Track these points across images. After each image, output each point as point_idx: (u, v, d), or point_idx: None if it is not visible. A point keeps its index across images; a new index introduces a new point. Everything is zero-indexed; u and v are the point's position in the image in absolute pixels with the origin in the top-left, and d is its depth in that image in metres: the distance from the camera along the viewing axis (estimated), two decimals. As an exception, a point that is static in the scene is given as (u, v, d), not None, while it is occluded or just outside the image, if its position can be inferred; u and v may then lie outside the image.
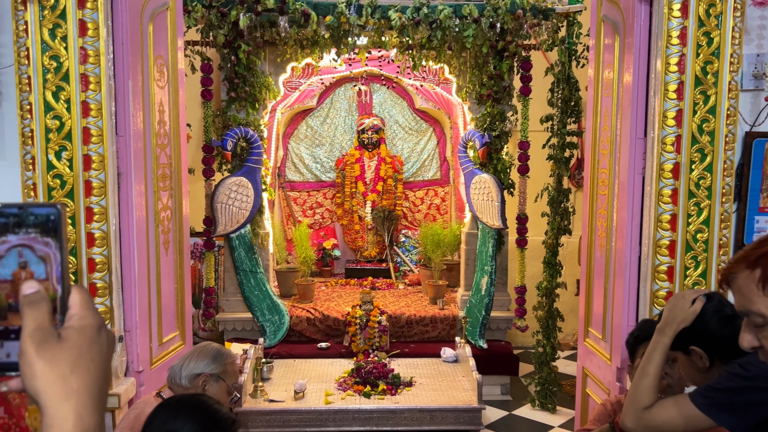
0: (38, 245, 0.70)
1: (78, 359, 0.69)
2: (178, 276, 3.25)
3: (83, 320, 0.71)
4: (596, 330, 3.28)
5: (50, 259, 0.71)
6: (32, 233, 0.70)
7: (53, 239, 0.71)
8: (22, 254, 0.70)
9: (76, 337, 0.70)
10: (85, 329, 0.71)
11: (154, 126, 2.96)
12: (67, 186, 2.58)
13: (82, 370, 0.69)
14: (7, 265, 0.70)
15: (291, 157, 6.96)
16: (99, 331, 0.72)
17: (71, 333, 0.70)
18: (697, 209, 2.72)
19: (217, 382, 2.34)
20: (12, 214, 0.70)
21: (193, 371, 2.34)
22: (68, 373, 0.68)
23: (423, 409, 4.26)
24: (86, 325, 0.71)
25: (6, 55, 2.67)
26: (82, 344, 0.70)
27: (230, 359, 2.41)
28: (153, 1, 2.92)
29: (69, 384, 0.67)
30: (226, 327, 5.47)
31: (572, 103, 4.78)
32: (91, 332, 0.71)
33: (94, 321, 0.72)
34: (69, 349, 0.69)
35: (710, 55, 2.66)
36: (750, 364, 1.53)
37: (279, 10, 4.56)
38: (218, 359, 2.38)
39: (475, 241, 5.59)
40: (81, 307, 0.72)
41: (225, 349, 2.45)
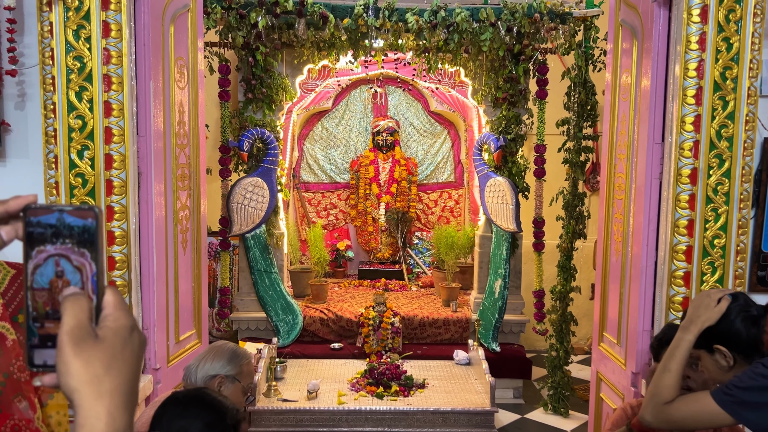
0: (74, 255, 0.73)
1: (112, 360, 0.70)
2: (195, 275, 3.28)
3: (117, 321, 0.73)
4: (611, 334, 3.28)
5: (85, 269, 0.73)
6: (69, 243, 0.72)
7: (89, 250, 0.73)
8: (59, 263, 0.73)
9: (111, 337, 0.72)
10: (119, 330, 0.73)
11: (174, 126, 3.00)
12: (89, 185, 2.62)
13: (115, 371, 0.70)
14: (45, 274, 0.73)
15: (306, 159, 6.99)
16: (131, 332, 0.74)
17: (106, 333, 0.72)
18: (714, 215, 2.71)
19: (232, 384, 2.35)
20: (50, 225, 0.72)
21: (208, 372, 2.35)
22: (102, 373, 0.69)
23: (436, 411, 4.27)
24: (120, 326, 0.73)
25: (31, 56, 2.72)
26: (116, 345, 0.72)
27: (246, 360, 2.41)
28: (174, 2, 2.96)
29: (103, 384, 0.69)
30: (240, 326, 5.51)
31: (588, 107, 4.78)
32: (125, 333, 0.73)
33: (127, 322, 0.74)
34: (104, 350, 0.71)
35: (729, 61, 2.65)
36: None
37: (297, 12, 4.59)
38: (234, 360, 2.38)
39: (488, 243, 5.59)
40: (115, 308, 0.74)
41: (240, 350, 2.45)
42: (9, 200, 0.74)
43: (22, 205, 0.73)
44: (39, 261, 0.72)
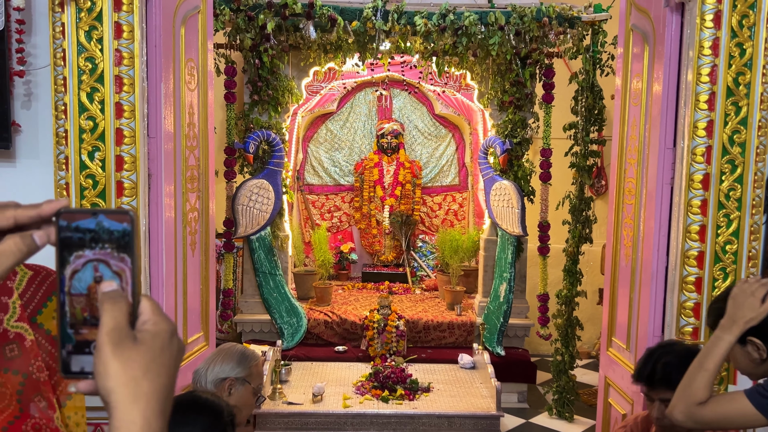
0: (113, 261, 0.72)
1: (150, 363, 0.70)
2: (203, 277, 3.27)
3: (157, 325, 0.72)
4: (620, 340, 3.27)
5: (125, 275, 0.72)
6: (108, 248, 0.71)
7: (128, 255, 0.72)
8: (98, 269, 0.72)
9: (151, 340, 0.71)
10: (159, 334, 0.72)
11: (184, 128, 2.99)
12: (99, 186, 2.61)
13: (153, 374, 0.69)
14: (83, 280, 0.71)
15: (310, 161, 6.99)
16: (171, 337, 0.73)
17: (146, 336, 0.71)
18: (726, 220, 2.70)
19: (242, 386, 2.33)
20: (89, 229, 0.71)
21: (218, 375, 2.34)
22: (140, 375, 0.68)
23: (441, 415, 4.26)
24: (160, 330, 0.72)
25: (41, 56, 2.71)
26: (155, 348, 0.71)
27: (255, 361, 2.40)
28: (185, 4, 2.95)
29: (140, 387, 0.68)
30: (244, 328, 5.50)
31: (596, 112, 4.77)
32: (165, 337, 0.72)
33: (167, 326, 0.73)
34: (143, 352, 0.70)
35: (742, 66, 2.65)
36: None
37: (306, 14, 4.59)
38: (243, 362, 2.36)
39: (493, 247, 5.58)
40: (153, 313, 0.73)
41: (249, 351, 2.44)
42: (42, 204, 0.73)
43: (55, 209, 0.72)
44: (77, 266, 0.71)
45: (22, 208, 0.73)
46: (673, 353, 1.99)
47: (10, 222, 0.72)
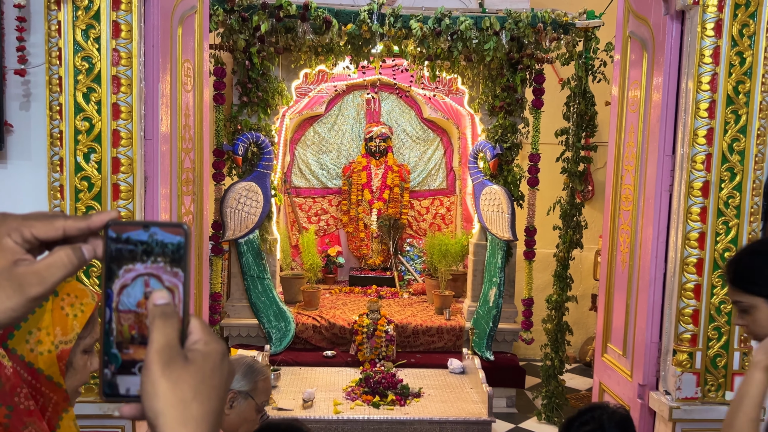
0: (166, 275, 0.67)
1: (200, 385, 0.65)
2: (196, 281, 3.21)
3: (209, 345, 0.68)
4: (616, 346, 3.27)
5: (178, 291, 0.67)
6: (161, 262, 0.67)
7: (182, 270, 0.67)
8: (149, 284, 0.67)
9: (202, 361, 0.67)
10: (210, 355, 0.68)
11: (180, 130, 2.93)
12: (95, 189, 2.55)
13: (203, 396, 0.65)
14: (132, 295, 0.67)
15: (297, 163, 6.94)
16: (222, 359, 0.69)
17: (197, 356, 0.67)
18: (725, 228, 2.72)
19: (245, 400, 2.25)
20: (141, 241, 0.66)
21: None
22: (190, 398, 0.64)
23: (433, 420, 4.24)
24: (212, 350, 0.68)
25: (37, 55, 2.65)
26: (205, 370, 0.67)
27: (262, 376, 2.31)
28: (183, 4, 2.90)
29: (189, 409, 0.64)
30: (231, 333, 5.43)
31: (587, 118, 4.80)
32: (216, 358, 0.68)
33: (219, 347, 0.69)
34: (193, 373, 0.66)
35: (742, 75, 2.67)
36: None
37: (301, 16, 4.55)
38: (249, 376, 2.28)
39: (483, 252, 5.58)
40: (204, 333, 0.69)
41: (258, 365, 2.36)
42: (92, 215, 0.68)
43: (104, 221, 0.67)
44: (126, 280, 0.66)
45: (71, 219, 0.69)
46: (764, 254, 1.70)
47: (59, 233, 0.68)
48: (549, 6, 4.90)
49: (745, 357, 2.78)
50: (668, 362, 2.84)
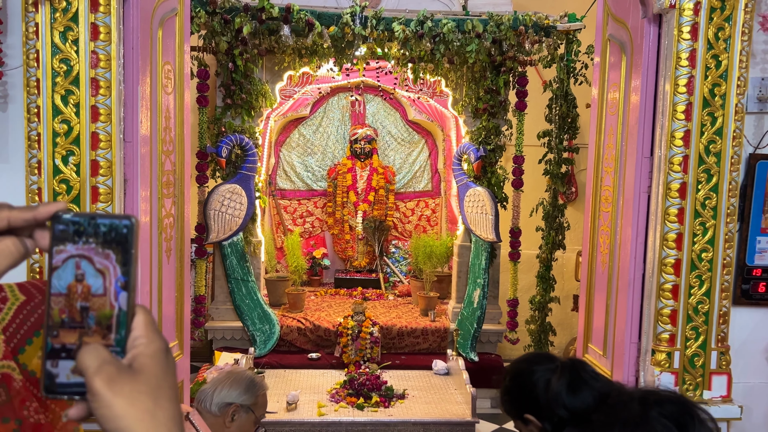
0: (98, 257, 0.64)
1: (157, 390, 0.64)
2: (178, 284, 3.20)
3: (153, 344, 0.66)
4: (596, 346, 3.30)
5: (109, 273, 0.65)
6: (92, 243, 0.64)
7: (114, 251, 0.65)
8: (80, 266, 0.65)
9: (151, 365, 0.65)
10: (156, 354, 0.66)
11: (160, 132, 2.92)
12: (74, 191, 2.53)
13: (164, 400, 0.64)
14: (63, 277, 0.65)
15: (282, 165, 6.93)
16: (167, 355, 0.67)
17: (144, 361, 0.65)
18: (702, 229, 2.75)
19: (246, 413, 2.30)
20: (73, 222, 0.64)
21: (224, 400, 2.30)
22: (153, 406, 0.62)
23: (417, 422, 4.25)
24: (156, 349, 0.66)
25: (14, 57, 2.63)
26: (157, 373, 0.65)
27: (262, 391, 2.38)
28: (163, 6, 2.89)
29: (156, 418, 0.62)
30: (216, 336, 5.41)
31: (569, 120, 4.83)
32: (162, 357, 0.66)
33: (162, 344, 0.67)
34: (146, 381, 0.63)
35: (718, 78, 2.70)
36: None
37: (283, 19, 4.55)
38: (251, 390, 2.33)
39: (467, 253, 5.60)
40: (147, 329, 0.66)
41: (258, 380, 2.42)
42: (38, 207, 0.66)
43: (51, 212, 0.66)
44: (57, 262, 0.64)
45: (16, 210, 0.67)
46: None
47: (3, 224, 0.66)
48: (531, 9, 4.94)
49: (722, 357, 2.81)
50: (647, 362, 2.86)
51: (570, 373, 1.56)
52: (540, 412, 1.60)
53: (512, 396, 1.71)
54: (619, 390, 1.44)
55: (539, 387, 1.61)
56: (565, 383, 1.54)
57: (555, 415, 1.54)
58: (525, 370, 1.68)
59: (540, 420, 1.60)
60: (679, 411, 1.30)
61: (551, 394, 1.55)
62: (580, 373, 1.56)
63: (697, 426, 1.29)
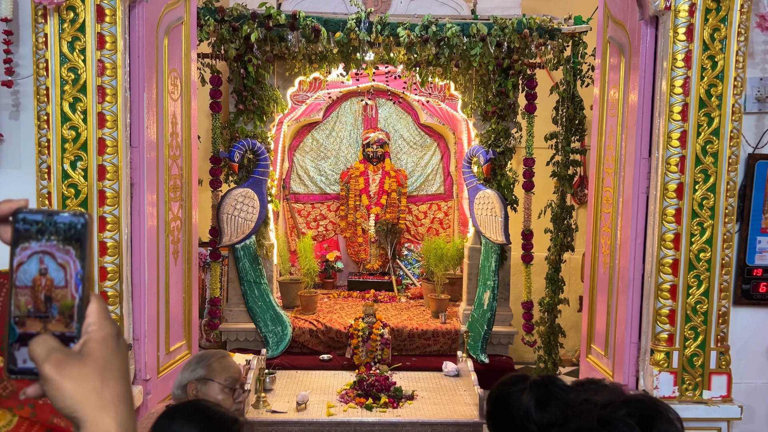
0: (59, 253, 0.72)
1: (105, 371, 0.70)
2: (185, 286, 3.29)
3: (102, 330, 0.72)
4: (599, 346, 3.31)
5: (69, 267, 0.72)
6: (54, 241, 0.71)
7: (74, 248, 0.72)
8: (43, 261, 0.72)
9: (98, 348, 0.71)
10: (106, 339, 0.72)
11: (167, 137, 3.01)
12: (81, 195, 2.63)
13: (111, 380, 0.70)
14: (28, 272, 0.72)
15: (296, 170, 7.01)
16: (118, 340, 0.73)
17: (92, 346, 0.71)
18: (700, 229, 2.76)
19: (205, 385, 2.29)
20: (35, 221, 0.71)
21: (181, 382, 2.32)
22: (99, 385, 0.68)
23: (425, 422, 4.28)
24: (106, 334, 0.72)
25: (25, 66, 2.73)
26: (105, 355, 0.71)
27: (215, 357, 2.36)
28: (169, 15, 2.98)
29: (104, 396, 0.68)
30: (229, 337, 5.50)
31: (576, 122, 4.84)
32: (112, 341, 0.72)
33: (112, 330, 0.73)
34: (93, 363, 0.70)
35: (714, 78, 2.72)
36: None
37: (290, 25, 4.63)
38: (201, 362, 2.33)
39: (477, 255, 5.63)
40: (98, 316, 0.73)
41: (211, 351, 2.41)
42: (0, 204, 0.73)
43: (12, 208, 0.72)
44: (23, 258, 0.71)
45: None
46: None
47: None
48: (540, 12, 4.96)
49: (721, 356, 2.82)
50: (646, 362, 2.88)
51: (538, 390, 1.58)
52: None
53: (494, 420, 1.74)
54: (585, 399, 1.46)
55: (514, 407, 1.64)
56: (534, 399, 1.57)
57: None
58: (502, 393, 1.70)
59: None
60: (644, 408, 1.32)
61: (521, 412, 1.58)
62: (549, 388, 1.58)
63: (664, 424, 1.30)
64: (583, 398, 1.48)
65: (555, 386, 1.55)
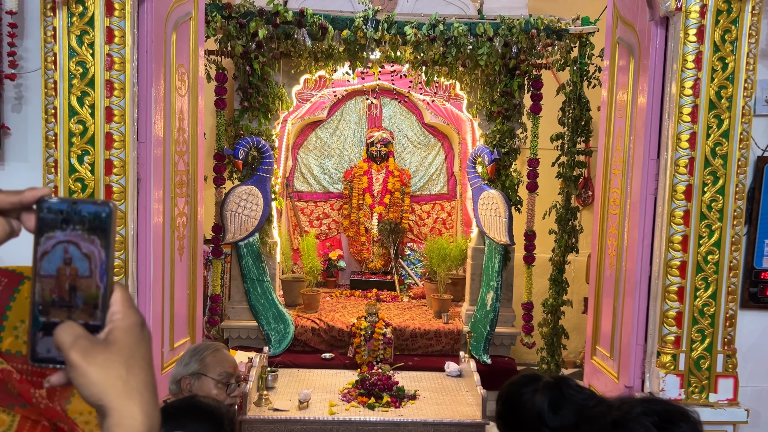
0: (84, 242, 0.71)
1: (130, 359, 0.69)
2: (190, 282, 3.28)
3: (127, 318, 0.71)
4: (604, 348, 3.30)
5: (94, 257, 0.71)
6: (79, 230, 0.70)
7: (99, 237, 0.71)
8: (68, 251, 0.71)
9: (124, 337, 0.70)
10: (131, 328, 0.71)
11: (174, 133, 3.00)
12: (88, 190, 2.62)
13: (137, 369, 0.69)
14: (52, 261, 0.71)
15: (300, 168, 7.00)
16: (142, 329, 0.73)
17: (118, 334, 0.70)
18: (708, 231, 2.75)
19: (199, 380, 2.26)
20: (60, 210, 0.70)
21: (175, 377, 2.30)
22: (125, 373, 0.68)
23: (427, 422, 4.27)
24: (131, 323, 0.71)
25: (32, 60, 2.73)
26: (131, 344, 0.70)
27: (208, 351, 2.33)
28: (177, 10, 2.98)
29: (129, 383, 0.68)
30: (231, 335, 5.49)
31: (583, 123, 4.83)
32: (137, 330, 0.72)
33: (137, 319, 0.72)
34: (119, 351, 0.69)
35: (725, 80, 2.70)
36: None
37: (297, 23, 4.62)
38: (194, 356, 2.30)
39: (481, 256, 5.61)
40: (123, 305, 0.72)
41: (204, 345, 2.37)
42: (24, 191, 0.72)
43: (37, 196, 0.71)
44: (47, 247, 0.70)
45: (3, 194, 0.72)
46: None
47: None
48: (546, 12, 4.95)
49: (728, 359, 2.80)
50: (653, 364, 2.87)
51: (551, 391, 1.57)
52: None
53: (504, 420, 1.73)
54: (599, 401, 1.44)
55: (526, 408, 1.62)
56: (547, 401, 1.55)
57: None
58: (514, 393, 1.70)
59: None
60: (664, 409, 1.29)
61: (534, 413, 1.57)
62: (563, 390, 1.56)
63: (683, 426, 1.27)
64: (597, 400, 1.47)
65: (568, 387, 1.54)
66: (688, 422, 1.24)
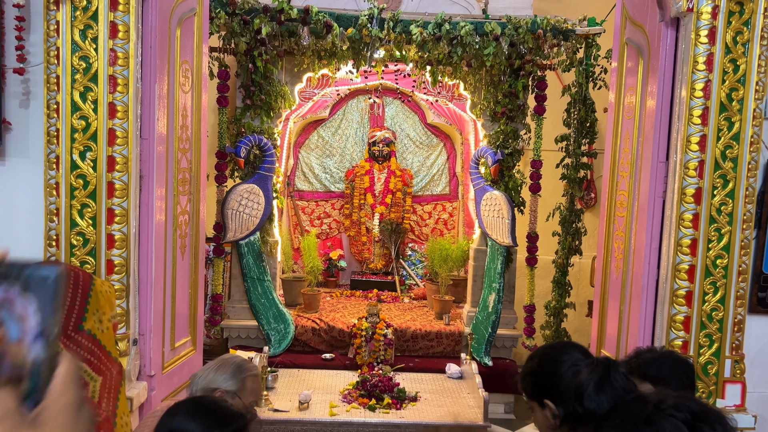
0: (18, 303, 0.64)
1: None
2: (192, 281, 3.24)
3: (63, 397, 0.66)
4: (609, 351, 3.27)
5: (27, 320, 0.65)
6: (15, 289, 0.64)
7: (37, 299, 0.65)
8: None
9: (57, 416, 0.65)
10: (65, 408, 0.66)
11: (177, 130, 2.97)
12: (90, 186, 2.58)
13: None
14: None
15: (301, 167, 6.97)
16: (80, 409, 0.67)
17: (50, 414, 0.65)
18: (717, 235, 2.72)
19: (232, 399, 2.19)
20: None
21: (209, 385, 2.25)
22: None
23: (428, 424, 4.23)
24: (67, 403, 0.66)
25: (35, 54, 2.68)
26: (65, 424, 0.65)
27: (251, 374, 2.28)
28: (181, 6, 2.94)
29: None
30: (231, 334, 5.45)
31: (588, 124, 4.80)
32: (71, 411, 0.66)
33: (75, 397, 0.67)
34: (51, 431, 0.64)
35: (736, 82, 2.67)
36: None
37: (302, 20, 4.59)
38: (237, 375, 2.24)
39: (483, 257, 5.58)
40: (63, 382, 0.67)
41: (248, 365, 2.32)
42: None
43: None
44: None
45: None
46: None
47: None
48: (552, 13, 4.91)
49: (736, 365, 2.77)
50: (659, 369, 2.83)
51: (602, 371, 1.56)
52: (558, 399, 1.61)
53: (536, 378, 1.72)
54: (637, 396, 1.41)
55: (566, 377, 1.62)
56: (593, 381, 1.54)
57: (571, 406, 1.55)
58: (555, 357, 1.70)
59: (556, 406, 1.62)
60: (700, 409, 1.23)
61: (575, 385, 1.55)
62: (611, 373, 1.55)
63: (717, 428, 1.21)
64: (635, 394, 1.43)
65: (616, 371, 1.53)
66: (723, 426, 1.19)
